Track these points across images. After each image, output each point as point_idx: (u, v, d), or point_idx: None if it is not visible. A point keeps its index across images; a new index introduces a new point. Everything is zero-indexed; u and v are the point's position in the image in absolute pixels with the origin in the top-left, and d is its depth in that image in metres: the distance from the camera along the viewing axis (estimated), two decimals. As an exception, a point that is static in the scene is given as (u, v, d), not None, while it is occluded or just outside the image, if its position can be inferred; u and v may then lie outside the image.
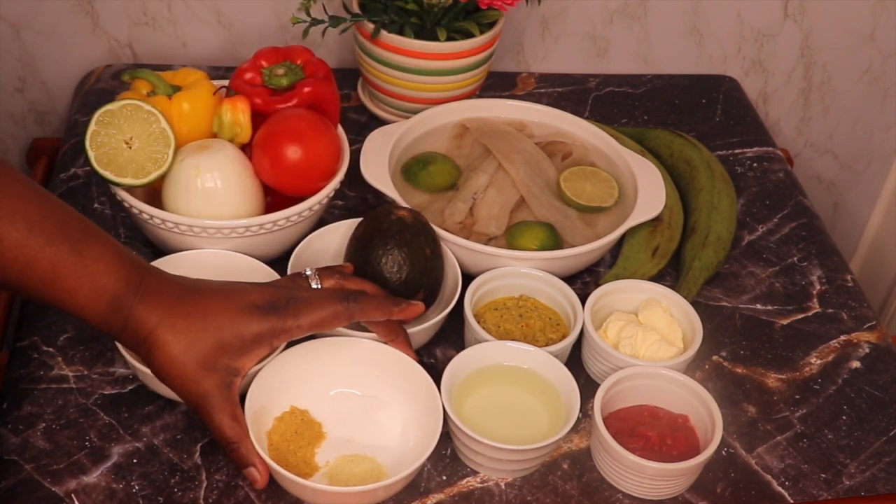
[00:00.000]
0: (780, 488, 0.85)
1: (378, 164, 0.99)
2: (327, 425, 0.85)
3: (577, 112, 1.17)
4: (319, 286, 0.84)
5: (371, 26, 1.09)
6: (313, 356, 0.85)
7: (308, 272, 0.85)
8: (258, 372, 0.82)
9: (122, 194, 0.91)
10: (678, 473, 0.81)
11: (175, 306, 0.76)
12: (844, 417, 0.92)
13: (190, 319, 0.76)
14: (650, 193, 1.01)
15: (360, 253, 0.90)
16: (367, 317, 0.82)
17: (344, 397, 0.86)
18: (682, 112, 1.27)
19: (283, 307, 0.79)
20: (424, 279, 0.90)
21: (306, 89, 0.95)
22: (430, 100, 1.13)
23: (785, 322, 1.00)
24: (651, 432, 0.83)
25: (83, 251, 0.73)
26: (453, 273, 0.93)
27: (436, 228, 0.93)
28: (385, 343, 0.85)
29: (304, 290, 0.82)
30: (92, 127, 0.88)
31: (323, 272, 0.85)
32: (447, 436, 0.84)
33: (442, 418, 0.81)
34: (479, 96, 1.21)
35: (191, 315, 0.76)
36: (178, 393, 0.78)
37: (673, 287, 0.97)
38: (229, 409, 0.77)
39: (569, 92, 1.28)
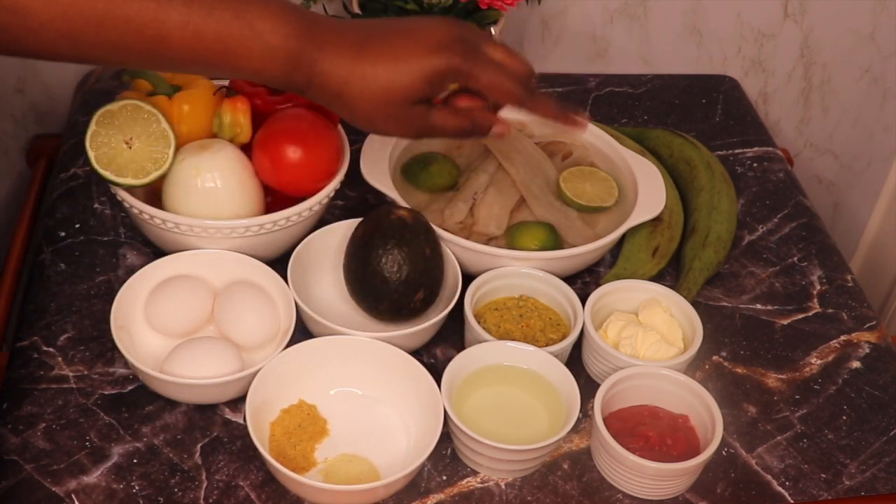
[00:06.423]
0: (780, 488, 0.85)
1: (378, 164, 0.99)
2: (332, 422, 0.85)
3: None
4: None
5: (371, 26, 1.09)
6: (316, 354, 0.86)
7: None
8: (266, 364, 0.83)
9: (122, 194, 0.91)
10: (678, 473, 0.81)
11: (361, 55, 0.75)
12: (844, 417, 0.92)
13: (379, 67, 0.75)
14: (650, 193, 1.01)
15: (360, 253, 0.90)
16: (535, 115, 0.84)
17: (346, 396, 0.87)
18: (682, 112, 1.27)
19: (473, 55, 0.78)
20: (424, 279, 0.90)
21: (306, 89, 0.95)
22: (430, 100, 1.12)
23: (785, 322, 1.00)
24: (651, 432, 0.83)
25: (245, 13, 0.71)
26: (453, 273, 0.93)
27: (436, 228, 0.93)
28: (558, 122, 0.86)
29: (486, 42, 0.81)
30: (92, 127, 0.88)
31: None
32: (447, 436, 0.84)
33: (442, 419, 0.81)
34: (479, 96, 1.21)
35: (379, 61, 0.75)
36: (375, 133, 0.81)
37: (673, 287, 0.97)
38: (440, 120, 0.79)
39: (569, 92, 1.28)
